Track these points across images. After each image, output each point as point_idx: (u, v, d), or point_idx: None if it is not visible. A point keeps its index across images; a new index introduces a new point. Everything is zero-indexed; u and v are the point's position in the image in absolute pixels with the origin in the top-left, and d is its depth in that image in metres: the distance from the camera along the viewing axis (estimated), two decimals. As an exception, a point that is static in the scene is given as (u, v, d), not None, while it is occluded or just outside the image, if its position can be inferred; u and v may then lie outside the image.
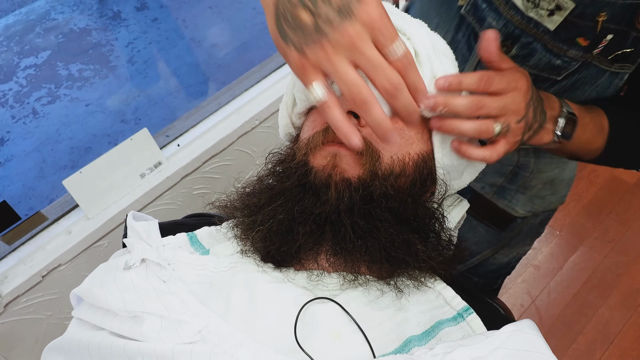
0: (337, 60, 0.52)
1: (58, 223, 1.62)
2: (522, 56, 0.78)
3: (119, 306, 0.64)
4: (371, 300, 0.65)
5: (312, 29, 0.51)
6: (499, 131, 0.66)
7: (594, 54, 0.74)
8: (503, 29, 0.77)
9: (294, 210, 0.64)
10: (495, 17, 0.76)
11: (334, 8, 0.51)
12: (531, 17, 0.73)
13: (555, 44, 0.74)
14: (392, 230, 0.64)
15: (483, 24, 0.79)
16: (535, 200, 1.04)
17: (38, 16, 3.49)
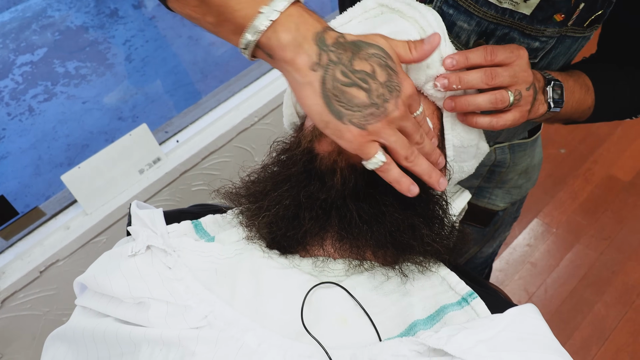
0: (393, 132, 0.59)
1: (56, 218, 1.61)
2: None
3: (125, 292, 0.64)
4: (376, 286, 0.65)
5: (369, 105, 0.57)
6: (513, 99, 0.69)
7: (569, 26, 0.75)
8: (476, 28, 0.77)
9: (300, 195, 0.65)
10: (466, 19, 0.77)
11: (381, 84, 0.57)
12: (506, 7, 0.73)
13: (533, 27, 0.75)
14: (397, 215, 0.64)
15: (452, 29, 0.79)
16: (513, 191, 1.07)
17: (34, 13, 3.48)
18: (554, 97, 0.76)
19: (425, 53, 0.62)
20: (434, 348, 0.54)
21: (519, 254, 1.98)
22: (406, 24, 0.70)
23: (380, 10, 0.73)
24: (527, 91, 0.70)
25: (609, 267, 1.90)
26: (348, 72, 0.56)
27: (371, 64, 0.57)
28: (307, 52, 0.56)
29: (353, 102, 0.56)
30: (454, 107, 0.69)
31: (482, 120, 0.70)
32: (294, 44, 0.56)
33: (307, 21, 0.57)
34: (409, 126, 0.60)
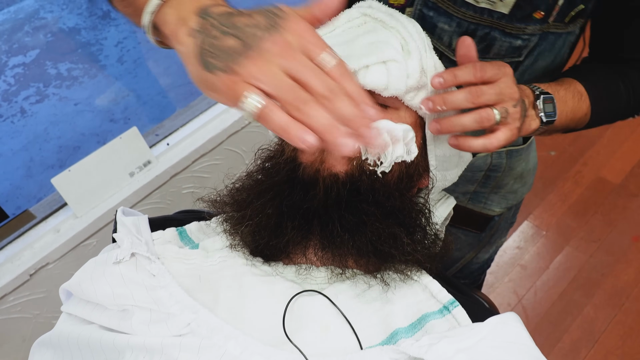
0: (270, 71, 0.47)
1: (46, 221, 1.61)
2: (482, 49, 0.79)
3: (109, 300, 0.64)
4: (358, 294, 0.66)
5: (240, 48, 0.48)
6: (500, 117, 0.66)
7: (550, 22, 0.75)
8: (457, 29, 0.77)
9: (282, 204, 0.65)
10: (447, 20, 0.77)
11: (259, 27, 0.49)
12: (484, 7, 0.73)
13: (513, 26, 0.75)
14: (378, 224, 0.65)
15: (434, 32, 0.79)
16: (509, 196, 1.06)
17: (27, 15, 3.46)
18: (545, 110, 0.74)
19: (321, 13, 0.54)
20: (414, 357, 0.55)
21: (509, 257, 1.99)
22: (388, 34, 0.70)
23: (364, 20, 0.73)
24: (514, 108, 0.67)
25: (598, 269, 1.91)
26: (224, 28, 0.50)
27: (252, 16, 0.50)
28: (188, 23, 0.53)
29: (223, 50, 0.49)
30: (440, 129, 0.67)
31: (475, 144, 0.68)
32: (177, 19, 0.54)
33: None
34: (301, 70, 0.48)
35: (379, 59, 0.66)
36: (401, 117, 0.71)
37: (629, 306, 1.81)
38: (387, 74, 0.67)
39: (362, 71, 0.67)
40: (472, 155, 0.80)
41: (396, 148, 0.67)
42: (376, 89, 0.68)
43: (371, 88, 0.67)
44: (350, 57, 0.67)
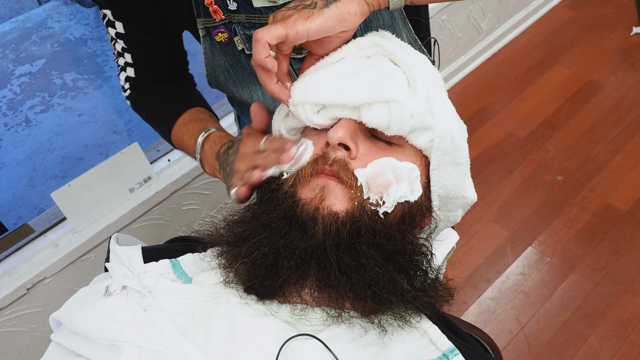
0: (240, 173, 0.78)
1: (45, 236, 1.61)
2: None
3: (98, 334, 0.63)
4: (354, 338, 0.63)
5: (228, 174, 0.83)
6: None
7: None
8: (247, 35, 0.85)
9: (279, 243, 0.63)
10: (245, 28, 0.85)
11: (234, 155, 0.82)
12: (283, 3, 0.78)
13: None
14: (377, 269, 0.62)
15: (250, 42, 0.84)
16: None
17: (35, 24, 3.48)
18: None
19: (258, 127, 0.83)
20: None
21: (511, 283, 1.95)
22: (396, 70, 0.69)
23: (374, 50, 0.72)
24: None
25: (604, 299, 1.87)
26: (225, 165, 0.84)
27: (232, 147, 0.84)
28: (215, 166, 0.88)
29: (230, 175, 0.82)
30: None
31: None
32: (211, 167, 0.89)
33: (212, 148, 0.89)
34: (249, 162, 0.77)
35: (382, 98, 0.65)
36: (406, 155, 0.69)
37: (634, 338, 1.77)
38: (389, 114, 0.65)
39: (365, 108, 0.66)
40: (476, 197, 0.78)
41: (400, 187, 0.66)
42: (378, 127, 0.66)
43: (373, 126, 0.66)
44: (352, 91, 0.66)
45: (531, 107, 2.52)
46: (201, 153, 0.89)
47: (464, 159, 0.73)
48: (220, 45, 0.88)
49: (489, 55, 2.78)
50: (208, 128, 0.90)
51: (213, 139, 0.88)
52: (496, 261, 2.02)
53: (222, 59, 0.91)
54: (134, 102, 1.04)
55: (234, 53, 0.89)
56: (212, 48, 0.89)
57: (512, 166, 2.31)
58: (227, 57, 0.91)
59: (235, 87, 0.96)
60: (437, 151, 0.69)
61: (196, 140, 0.89)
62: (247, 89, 0.96)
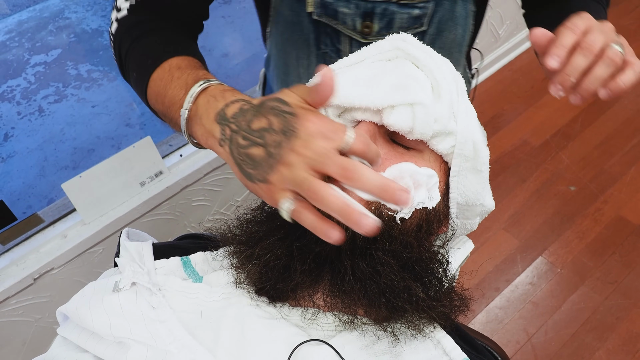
0: (294, 174, 0.53)
1: (54, 226, 1.61)
2: (385, 26, 0.83)
3: (105, 330, 0.62)
4: (366, 345, 0.62)
5: (266, 157, 0.54)
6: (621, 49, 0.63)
7: None
8: (357, 10, 0.81)
9: (292, 246, 0.62)
10: (345, 3, 0.80)
11: (277, 132, 0.54)
12: None
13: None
14: (392, 276, 0.61)
15: (337, 17, 0.82)
16: None
17: (52, 14, 3.49)
18: None
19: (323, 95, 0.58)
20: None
21: (520, 292, 1.93)
22: (419, 73, 0.67)
23: (395, 53, 0.70)
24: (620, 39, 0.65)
25: (613, 312, 1.85)
26: (247, 135, 0.56)
27: (267, 118, 0.56)
28: (213, 133, 0.59)
29: (255, 161, 0.55)
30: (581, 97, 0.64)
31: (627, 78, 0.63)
32: (203, 132, 0.61)
33: (211, 106, 0.61)
34: (317, 160, 0.53)
35: (406, 101, 0.63)
36: (425, 160, 0.67)
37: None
38: (412, 117, 0.64)
39: (387, 111, 0.64)
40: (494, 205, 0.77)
41: (418, 193, 0.64)
42: (400, 131, 0.64)
43: (395, 129, 0.64)
44: (376, 94, 0.64)
45: (546, 116, 2.50)
46: (191, 108, 0.64)
47: (485, 166, 0.71)
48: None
49: (505, 62, 2.76)
50: (209, 79, 0.66)
51: (213, 93, 0.63)
52: (506, 270, 2.00)
53: (288, 10, 0.86)
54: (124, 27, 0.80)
55: (300, 12, 0.86)
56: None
57: (525, 175, 2.29)
58: (293, 13, 0.86)
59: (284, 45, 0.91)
60: (458, 157, 0.68)
61: (187, 89, 0.65)
62: (294, 53, 0.93)
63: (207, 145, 0.62)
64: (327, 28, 0.86)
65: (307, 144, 0.53)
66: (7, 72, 3.07)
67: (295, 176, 0.53)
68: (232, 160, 0.57)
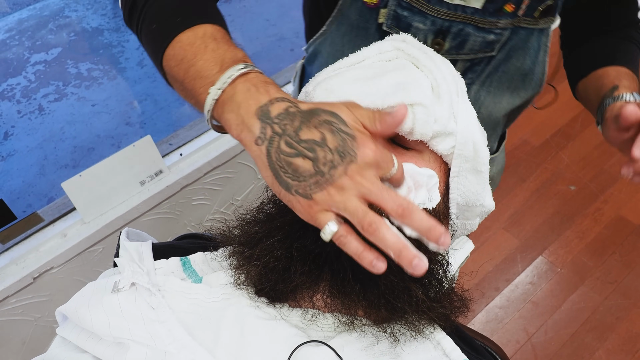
0: (346, 200, 0.52)
1: (54, 225, 1.60)
2: (457, 46, 0.82)
3: (104, 331, 0.62)
4: (366, 346, 0.62)
5: (314, 174, 0.53)
6: None
7: (520, 16, 0.78)
8: (432, 27, 0.79)
9: (292, 247, 0.62)
10: (421, 19, 0.79)
11: (332, 150, 0.53)
12: (457, 4, 0.76)
13: (486, 20, 0.78)
14: (392, 277, 0.61)
15: (409, 31, 0.81)
16: None
17: (52, 12, 3.49)
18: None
19: (389, 128, 0.57)
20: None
21: (520, 292, 1.93)
22: (419, 73, 0.67)
23: (396, 54, 0.71)
24: None
25: (613, 312, 1.85)
26: (293, 143, 0.54)
27: (321, 132, 0.54)
28: (250, 127, 0.55)
29: (298, 172, 0.53)
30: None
31: None
32: (238, 122, 0.56)
33: (252, 96, 0.56)
34: (374, 192, 0.53)
35: (406, 101, 0.63)
36: (425, 160, 0.67)
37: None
38: (413, 118, 0.64)
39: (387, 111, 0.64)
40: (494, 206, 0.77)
41: (418, 194, 0.64)
42: (400, 131, 0.64)
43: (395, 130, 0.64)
44: (376, 94, 0.64)
45: (546, 116, 2.50)
46: (226, 91, 0.58)
47: (485, 166, 0.71)
48: (362, 3, 0.81)
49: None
50: (249, 63, 0.60)
51: (255, 82, 0.58)
52: (505, 269, 2.00)
53: (355, 15, 0.83)
54: None
55: (369, 19, 0.83)
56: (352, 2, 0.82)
57: (525, 174, 2.29)
58: (361, 18, 0.83)
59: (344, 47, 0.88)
60: (458, 158, 0.68)
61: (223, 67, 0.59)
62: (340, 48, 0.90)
63: (237, 137, 0.58)
64: None
65: (363, 172, 0.53)
66: (7, 71, 3.06)
67: (348, 203, 0.52)
68: (265, 163, 0.55)
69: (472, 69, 0.86)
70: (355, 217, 0.52)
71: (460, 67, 0.86)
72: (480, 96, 0.90)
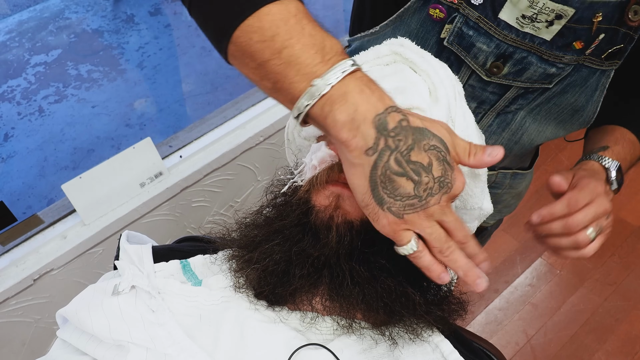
0: (432, 226, 0.57)
1: (54, 227, 1.60)
2: (515, 72, 0.80)
3: (105, 333, 0.62)
4: (365, 349, 0.62)
5: (412, 197, 0.55)
6: (594, 236, 0.74)
7: (587, 54, 0.76)
8: (495, 50, 0.78)
9: (291, 251, 0.62)
10: (486, 41, 0.77)
11: (434, 178, 0.55)
12: (527, 32, 0.74)
13: (552, 53, 0.76)
14: (390, 282, 0.61)
15: (471, 51, 0.79)
16: (504, 210, 1.12)
17: (52, 14, 3.50)
18: (617, 179, 0.82)
19: (483, 164, 0.58)
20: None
21: (520, 294, 1.94)
22: (416, 77, 0.67)
23: (393, 58, 0.71)
24: (607, 220, 0.75)
25: (612, 314, 1.85)
26: (402, 162, 0.53)
27: (430, 157, 0.54)
28: (365, 135, 0.53)
29: (397, 191, 0.54)
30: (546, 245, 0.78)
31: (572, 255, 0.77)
32: (351, 126, 0.53)
33: (368, 100, 0.53)
34: (451, 222, 0.57)
35: (404, 105, 0.63)
36: None
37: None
38: None
39: None
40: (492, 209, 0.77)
41: None
42: None
43: None
44: None
45: (546, 117, 2.50)
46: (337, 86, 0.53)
47: (483, 170, 0.72)
48: (426, 15, 0.79)
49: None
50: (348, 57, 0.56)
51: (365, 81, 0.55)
52: (505, 271, 2.00)
53: (416, 24, 0.81)
54: None
55: (429, 31, 0.81)
56: (415, 11, 0.79)
57: (525, 176, 2.29)
58: (422, 29, 0.81)
59: None
60: None
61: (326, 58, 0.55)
62: None
63: (344, 140, 0.54)
64: (452, 55, 0.82)
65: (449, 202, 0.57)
66: (7, 72, 3.07)
67: (434, 229, 0.57)
68: (367, 174, 0.54)
69: (525, 96, 0.84)
70: (437, 243, 0.57)
71: (513, 92, 0.83)
72: (526, 123, 0.88)
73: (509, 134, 0.90)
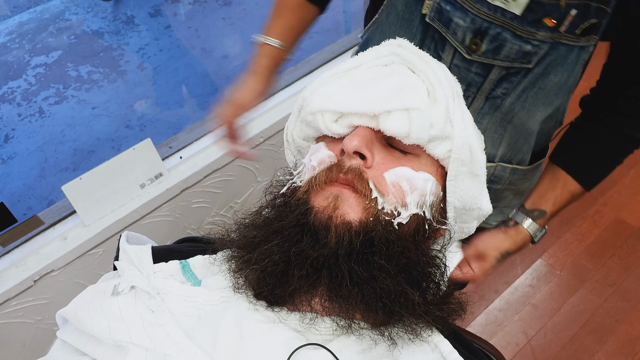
0: None
1: (54, 228, 1.60)
2: (493, 50, 0.82)
3: (104, 334, 0.62)
4: (364, 349, 0.62)
5: None
6: None
7: (562, 32, 0.78)
8: (471, 25, 0.80)
9: (290, 251, 0.62)
10: (462, 15, 0.80)
11: None
12: (497, 5, 0.77)
13: (524, 29, 0.78)
14: (389, 281, 0.61)
15: (450, 26, 0.82)
16: (506, 210, 1.11)
17: (52, 15, 3.50)
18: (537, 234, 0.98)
19: None
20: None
21: (520, 294, 1.94)
22: (415, 78, 0.68)
23: (392, 59, 0.71)
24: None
25: (612, 315, 1.85)
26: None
27: None
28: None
29: None
30: None
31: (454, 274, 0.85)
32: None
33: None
34: None
35: (402, 106, 0.64)
36: (422, 164, 0.68)
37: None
38: (409, 122, 0.64)
39: (384, 116, 0.65)
40: (492, 209, 0.77)
41: (413, 197, 0.65)
42: (397, 136, 0.65)
43: (392, 135, 0.65)
44: (373, 99, 0.65)
45: (546, 118, 2.50)
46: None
47: (482, 170, 0.72)
48: None
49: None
50: None
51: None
52: (505, 272, 2.00)
53: (402, 6, 0.87)
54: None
55: (414, 10, 0.86)
56: None
57: (525, 177, 2.29)
58: (406, 9, 0.87)
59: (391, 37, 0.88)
60: (455, 162, 0.68)
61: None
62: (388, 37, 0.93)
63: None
64: (436, 33, 0.85)
65: None
66: (7, 74, 3.07)
67: None
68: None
69: (508, 79, 0.85)
70: None
71: (496, 74, 0.85)
72: (515, 108, 0.90)
73: (500, 115, 0.91)
